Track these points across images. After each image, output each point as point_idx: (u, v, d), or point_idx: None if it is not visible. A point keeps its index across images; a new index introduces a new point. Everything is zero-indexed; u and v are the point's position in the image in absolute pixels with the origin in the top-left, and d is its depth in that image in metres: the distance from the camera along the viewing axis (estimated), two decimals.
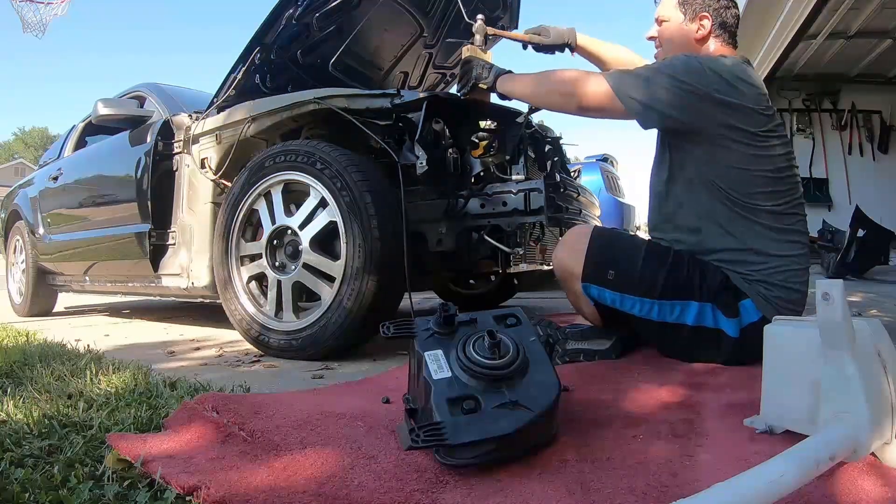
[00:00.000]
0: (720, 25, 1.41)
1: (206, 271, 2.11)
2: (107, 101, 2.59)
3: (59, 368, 1.46)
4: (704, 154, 1.32)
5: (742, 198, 1.30)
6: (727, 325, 1.30)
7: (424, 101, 1.68)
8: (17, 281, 3.72)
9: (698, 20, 1.41)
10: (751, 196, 1.30)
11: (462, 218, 1.78)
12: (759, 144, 1.28)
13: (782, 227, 1.31)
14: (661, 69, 1.30)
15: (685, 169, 1.36)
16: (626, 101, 1.30)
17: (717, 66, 1.28)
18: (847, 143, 6.96)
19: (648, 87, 1.29)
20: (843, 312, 0.71)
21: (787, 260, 1.31)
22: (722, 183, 1.31)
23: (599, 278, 1.34)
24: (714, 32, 1.41)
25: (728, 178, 1.30)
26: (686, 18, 1.42)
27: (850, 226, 4.53)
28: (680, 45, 1.43)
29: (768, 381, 0.88)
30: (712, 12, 1.40)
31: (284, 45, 2.19)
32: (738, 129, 1.27)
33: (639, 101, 1.29)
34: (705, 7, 1.41)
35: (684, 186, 1.38)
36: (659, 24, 1.48)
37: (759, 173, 1.29)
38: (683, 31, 1.42)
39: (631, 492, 0.69)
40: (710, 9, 1.40)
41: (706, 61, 1.29)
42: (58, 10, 8.03)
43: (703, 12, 1.41)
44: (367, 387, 1.28)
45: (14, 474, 0.76)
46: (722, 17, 1.41)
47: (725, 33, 1.42)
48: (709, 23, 1.41)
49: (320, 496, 0.68)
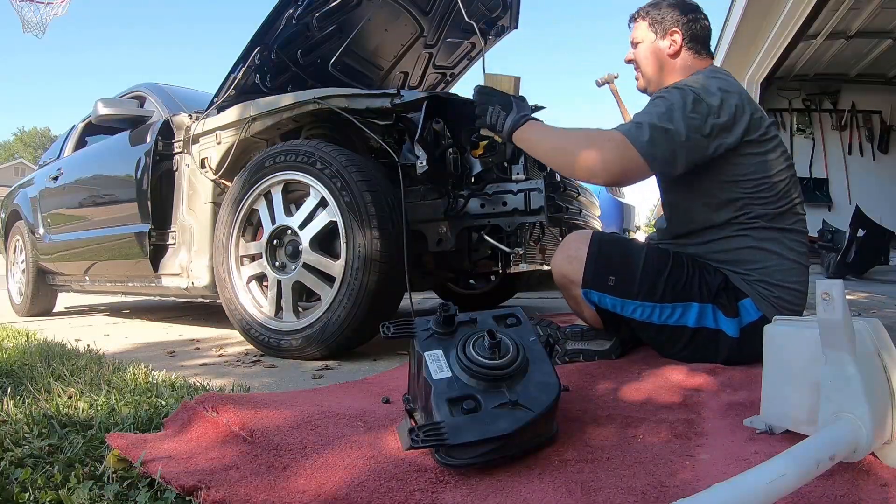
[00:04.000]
0: (691, 38, 1.45)
1: (206, 271, 2.11)
2: (107, 100, 2.59)
3: (59, 368, 1.46)
4: (706, 168, 1.32)
5: (742, 201, 1.31)
6: (727, 326, 1.31)
7: (424, 101, 1.68)
8: (17, 281, 3.72)
9: (669, 36, 1.45)
10: (751, 199, 1.31)
11: (462, 218, 1.78)
12: (758, 151, 1.30)
13: (782, 227, 1.32)
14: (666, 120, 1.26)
15: (685, 180, 1.36)
16: (654, 164, 1.26)
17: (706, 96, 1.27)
18: (847, 143, 6.96)
19: (673, 140, 1.24)
20: (843, 312, 0.71)
21: (786, 260, 1.32)
22: (723, 188, 1.32)
23: (600, 284, 1.34)
24: (685, 46, 1.45)
25: (729, 184, 1.31)
26: (658, 37, 1.46)
27: (850, 226, 4.53)
28: (655, 62, 1.47)
29: (768, 381, 0.88)
30: (682, 27, 1.44)
31: (284, 45, 2.19)
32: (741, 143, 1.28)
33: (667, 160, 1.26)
34: (674, 23, 1.44)
35: (684, 194, 1.39)
36: (634, 46, 1.53)
37: (759, 177, 1.30)
38: (657, 49, 1.47)
39: (631, 492, 0.69)
40: (680, 24, 1.44)
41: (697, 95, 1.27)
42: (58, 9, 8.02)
43: (672, 28, 1.44)
44: (367, 387, 1.28)
45: (14, 474, 0.76)
46: (692, 30, 1.45)
47: (697, 45, 1.45)
48: (679, 37, 1.44)
49: (320, 496, 0.68)
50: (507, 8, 2.58)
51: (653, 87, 1.46)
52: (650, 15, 1.48)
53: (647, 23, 1.48)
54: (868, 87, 6.95)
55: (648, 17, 1.48)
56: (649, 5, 1.50)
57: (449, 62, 2.88)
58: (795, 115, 7.04)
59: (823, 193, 6.86)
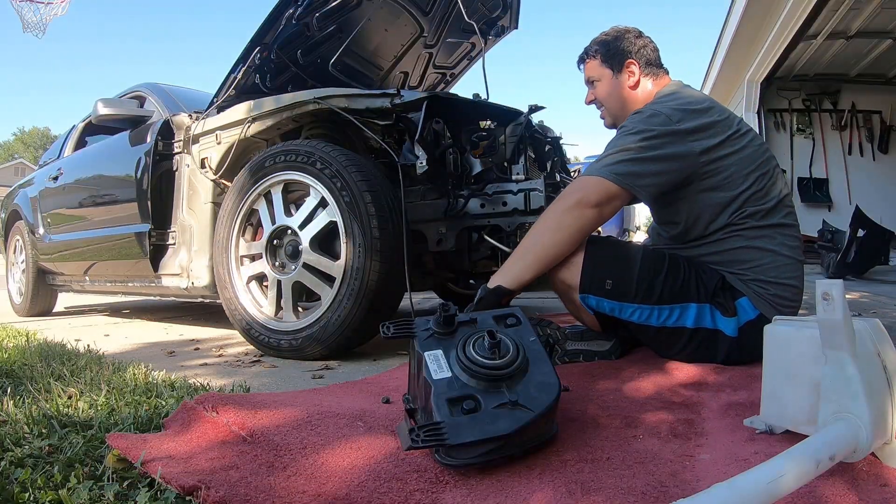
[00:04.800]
0: (646, 64, 1.46)
1: (206, 271, 2.11)
2: (107, 100, 2.59)
3: (59, 368, 1.46)
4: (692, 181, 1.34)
5: (735, 203, 1.32)
6: (725, 325, 1.31)
7: (424, 101, 1.68)
8: (17, 281, 3.72)
9: (626, 69, 1.46)
10: (742, 197, 1.32)
11: (462, 218, 1.78)
12: (736, 148, 1.31)
13: (773, 223, 1.33)
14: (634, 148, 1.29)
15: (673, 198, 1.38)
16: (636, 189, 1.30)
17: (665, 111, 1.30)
18: (847, 143, 6.96)
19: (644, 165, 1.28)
20: (843, 312, 0.71)
21: (780, 256, 1.32)
22: (713, 189, 1.32)
23: (597, 288, 1.34)
24: (643, 73, 1.46)
25: (718, 183, 1.32)
26: (615, 72, 1.47)
27: (850, 226, 4.52)
28: (618, 97, 1.48)
29: (768, 381, 0.88)
30: (635, 55, 1.45)
31: (284, 45, 2.19)
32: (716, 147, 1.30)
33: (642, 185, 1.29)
34: (627, 54, 1.45)
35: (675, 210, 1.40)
36: (591, 85, 1.53)
37: (745, 173, 1.31)
38: (617, 84, 1.47)
39: (631, 492, 0.69)
40: (632, 54, 1.45)
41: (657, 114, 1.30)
42: (58, 9, 8.03)
43: (627, 59, 1.45)
44: (367, 387, 1.28)
45: (14, 474, 0.76)
46: (645, 56, 1.46)
47: (653, 68, 1.46)
48: (637, 68, 1.45)
49: (320, 496, 0.68)
50: (507, 8, 2.58)
51: (620, 121, 1.46)
52: (600, 52, 1.49)
53: (599, 60, 1.49)
54: (868, 87, 6.94)
55: (599, 54, 1.49)
56: (596, 43, 1.50)
57: (449, 62, 2.88)
58: (795, 115, 7.04)
59: (823, 193, 6.86)
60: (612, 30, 1.51)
